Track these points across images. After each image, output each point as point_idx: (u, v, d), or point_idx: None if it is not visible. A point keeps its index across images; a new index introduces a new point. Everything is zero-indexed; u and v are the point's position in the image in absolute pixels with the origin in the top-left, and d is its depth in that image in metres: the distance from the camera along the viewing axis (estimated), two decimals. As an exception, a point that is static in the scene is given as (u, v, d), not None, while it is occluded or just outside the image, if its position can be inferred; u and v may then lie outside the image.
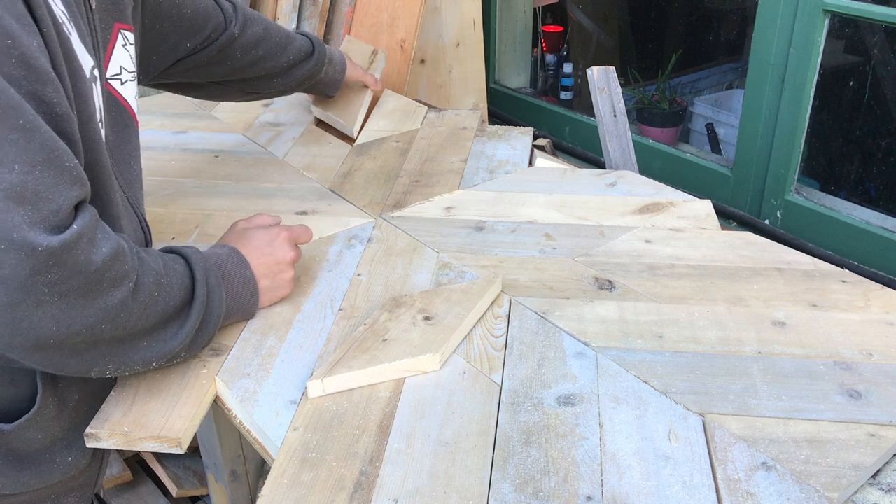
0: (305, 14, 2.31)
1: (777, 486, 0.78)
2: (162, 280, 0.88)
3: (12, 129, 0.73)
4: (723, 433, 0.85)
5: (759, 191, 2.00)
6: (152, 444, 0.88)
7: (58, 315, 0.76)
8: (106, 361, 0.85)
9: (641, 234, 1.25)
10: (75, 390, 0.95)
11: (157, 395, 0.93)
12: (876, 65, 2.66)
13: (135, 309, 0.83)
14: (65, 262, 0.75)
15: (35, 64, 0.76)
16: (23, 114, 0.74)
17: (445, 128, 1.67)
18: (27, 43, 0.76)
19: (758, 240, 1.23)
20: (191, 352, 0.95)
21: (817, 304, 1.06)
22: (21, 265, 0.72)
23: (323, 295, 1.11)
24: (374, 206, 1.35)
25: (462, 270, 1.16)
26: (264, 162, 1.52)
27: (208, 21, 1.31)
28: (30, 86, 0.76)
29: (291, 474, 0.81)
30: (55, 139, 0.77)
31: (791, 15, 1.81)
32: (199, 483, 1.92)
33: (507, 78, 2.91)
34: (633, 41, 3.70)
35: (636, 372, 0.94)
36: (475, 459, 0.82)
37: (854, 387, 0.91)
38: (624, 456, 0.82)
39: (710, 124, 2.90)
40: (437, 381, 0.94)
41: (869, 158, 2.68)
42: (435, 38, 2.44)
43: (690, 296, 1.08)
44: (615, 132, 1.54)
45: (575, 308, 1.06)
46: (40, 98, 0.77)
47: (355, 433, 0.86)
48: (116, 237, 0.83)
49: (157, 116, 1.74)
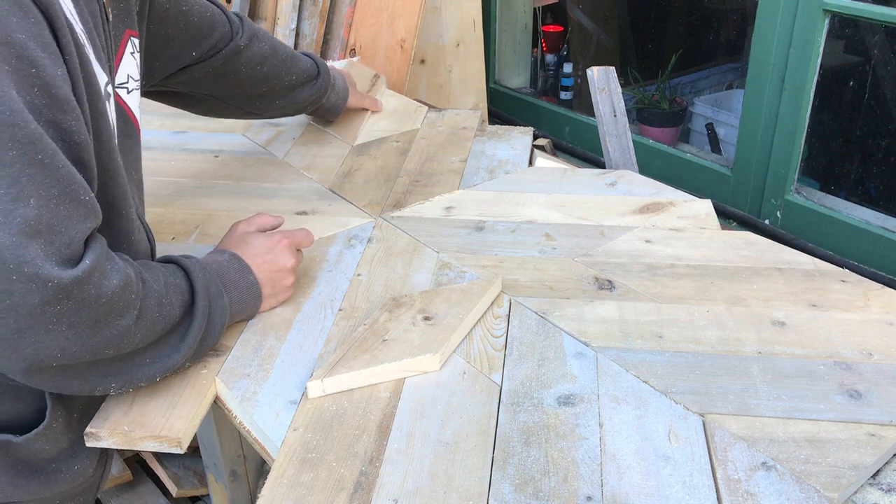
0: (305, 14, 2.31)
1: (777, 486, 0.78)
2: (163, 300, 0.88)
3: (31, 163, 0.74)
4: (723, 433, 0.85)
5: (759, 191, 2.00)
6: (152, 444, 0.88)
7: (63, 343, 0.77)
8: (109, 381, 0.86)
9: (641, 234, 1.25)
10: (81, 401, 0.95)
11: (157, 395, 0.93)
12: (876, 65, 2.66)
13: (138, 333, 0.84)
14: (75, 296, 0.76)
15: (57, 93, 0.77)
16: (42, 148, 0.75)
17: (445, 128, 1.67)
18: (51, 72, 0.77)
19: (758, 240, 1.23)
20: (195, 359, 0.96)
21: (817, 304, 1.06)
22: (31, 295, 0.73)
23: (323, 295, 1.11)
24: (374, 206, 1.35)
25: (462, 270, 1.16)
26: (264, 162, 1.52)
27: (214, 30, 1.30)
28: (50, 114, 0.77)
29: (291, 474, 0.81)
30: (72, 173, 0.78)
31: (791, 15, 1.81)
32: (199, 483, 1.92)
33: (507, 78, 2.92)
34: (633, 41, 3.70)
35: (636, 372, 0.94)
36: (475, 459, 0.82)
37: (854, 387, 0.91)
38: (624, 456, 0.82)
39: (710, 124, 2.90)
40: (437, 381, 0.94)
41: (869, 158, 2.68)
42: (435, 38, 2.44)
43: (690, 296, 1.08)
44: (615, 132, 1.54)
45: (575, 308, 1.06)
46: (60, 126, 0.78)
47: (355, 433, 0.86)
48: (124, 266, 0.84)
49: (157, 116, 1.74)
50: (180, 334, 0.91)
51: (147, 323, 0.85)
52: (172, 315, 0.89)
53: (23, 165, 0.73)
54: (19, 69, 0.74)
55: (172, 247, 1.23)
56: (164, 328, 0.88)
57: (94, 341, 0.79)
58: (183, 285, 0.93)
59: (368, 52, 2.24)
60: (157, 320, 0.86)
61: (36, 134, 0.74)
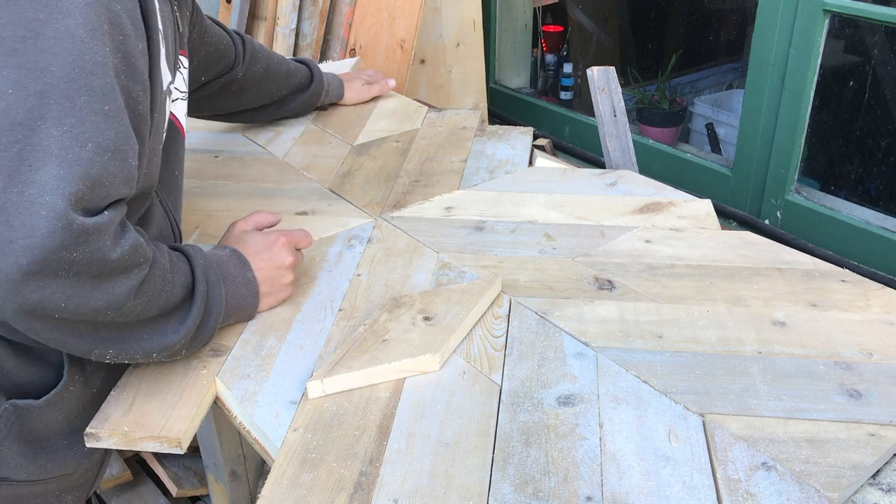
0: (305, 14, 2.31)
1: (777, 486, 0.78)
2: (167, 276, 0.90)
3: (98, 112, 0.79)
4: (723, 433, 0.85)
5: (759, 191, 2.00)
6: (152, 444, 0.88)
7: (67, 292, 0.78)
8: (106, 346, 0.87)
9: (641, 234, 1.25)
10: (101, 376, 0.97)
11: (157, 395, 0.93)
12: (876, 65, 2.66)
13: (139, 300, 0.85)
14: (92, 242, 0.78)
15: (135, 63, 0.85)
16: (112, 101, 0.81)
17: (445, 128, 1.67)
18: (134, 44, 0.85)
19: (758, 240, 1.23)
20: (192, 348, 0.96)
21: (817, 304, 1.06)
22: (53, 236, 0.75)
23: (323, 295, 1.11)
24: (373, 207, 1.35)
25: (462, 270, 1.16)
26: (264, 162, 1.52)
27: (223, 60, 1.41)
28: (126, 81, 0.84)
29: (291, 475, 0.81)
30: (129, 133, 0.83)
31: (791, 15, 1.81)
32: (199, 483, 1.92)
33: (507, 78, 2.92)
34: (633, 41, 3.70)
35: (636, 372, 0.94)
36: (475, 459, 0.82)
37: (854, 387, 0.91)
38: (624, 456, 0.82)
39: (710, 124, 2.90)
40: (437, 381, 0.94)
41: (869, 158, 2.68)
42: (435, 38, 2.44)
43: (690, 296, 1.08)
44: (615, 132, 1.54)
45: (575, 308, 1.06)
46: (130, 93, 0.85)
47: (355, 433, 0.86)
48: (136, 234, 0.87)
49: (157, 116, 1.74)
50: (180, 317, 0.92)
51: (149, 293, 0.87)
52: (174, 294, 0.91)
53: (90, 112, 0.79)
54: (112, 33, 0.82)
55: (172, 247, 1.23)
56: (164, 305, 0.89)
57: (96, 296, 0.80)
58: (185, 269, 0.94)
59: (368, 52, 2.24)
60: (158, 294, 0.88)
61: (109, 86, 0.80)
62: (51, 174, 0.75)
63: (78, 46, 0.78)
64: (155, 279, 0.87)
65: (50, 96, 0.77)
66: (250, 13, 2.47)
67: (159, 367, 0.97)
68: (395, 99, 1.81)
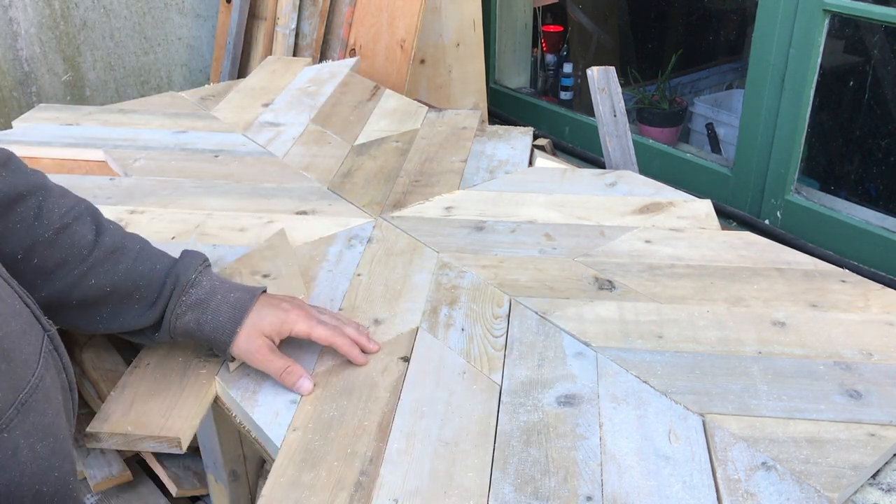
0: (305, 14, 2.31)
1: (777, 486, 0.78)
2: (145, 246, 0.93)
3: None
4: (723, 433, 0.85)
5: (759, 191, 2.00)
6: (152, 444, 0.88)
7: None
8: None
9: (641, 234, 1.25)
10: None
11: (157, 395, 0.93)
12: (876, 65, 2.66)
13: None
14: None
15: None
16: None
17: (445, 128, 1.67)
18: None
19: (758, 240, 1.23)
20: (161, 337, 0.93)
21: (817, 305, 1.06)
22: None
23: (323, 295, 1.11)
24: (374, 206, 1.35)
25: (462, 270, 1.16)
26: (264, 162, 1.52)
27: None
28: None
29: (291, 474, 0.81)
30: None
31: (791, 15, 1.81)
32: (199, 483, 1.92)
33: (507, 78, 2.92)
34: (633, 41, 3.70)
35: (636, 372, 0.94)
36: (475, 459, 0.82)
37: (854, 387, 0.91)
38: (624, 456, 0.82)
39: (710, 124, 2.90)
40: (437, 380, 0.94)
41: (869, 158, 2.68)
42: (435, 38, 2.44)
43: (690, 296, 1.08)
44: (615, 132, 1.54)
45: (575, 308, 1.06)
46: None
47: (355, 433, 0.86)
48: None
49: (157, 116, 1.74)
50: (147, 302, 0.91)
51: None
52: (152, 269, 0.93)
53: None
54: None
55: (172, 247, 1.22)
56: (140, 275, 0.91)
57: None
58: (171, 259, 0.95)
59: (368, 52, 2.24)
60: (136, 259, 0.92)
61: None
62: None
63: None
64: (118, 234, 0.93)
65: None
66: (250, 13, 2.47)
67: (159, 368, 0.97)
68: (395, 99, 1.81)
